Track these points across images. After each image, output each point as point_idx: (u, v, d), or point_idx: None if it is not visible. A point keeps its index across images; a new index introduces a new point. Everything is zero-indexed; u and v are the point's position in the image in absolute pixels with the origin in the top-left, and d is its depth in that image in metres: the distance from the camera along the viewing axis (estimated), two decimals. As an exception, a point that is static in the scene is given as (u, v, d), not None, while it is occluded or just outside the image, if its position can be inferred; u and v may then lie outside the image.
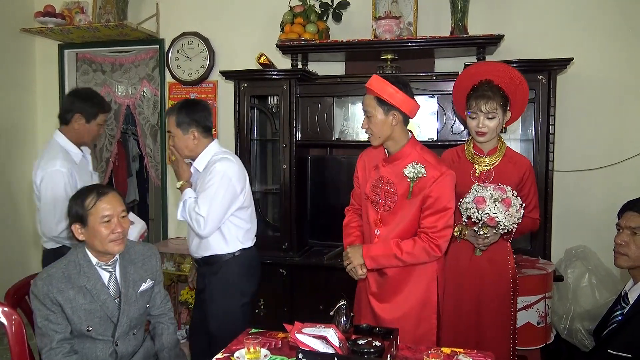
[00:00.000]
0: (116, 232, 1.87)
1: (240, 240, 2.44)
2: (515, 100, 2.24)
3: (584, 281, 3.03)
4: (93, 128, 2.63)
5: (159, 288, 2.11)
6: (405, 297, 2.12)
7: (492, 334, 2.23)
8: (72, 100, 2.61)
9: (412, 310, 2.11)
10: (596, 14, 3.22)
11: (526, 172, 2.24)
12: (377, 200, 2.14)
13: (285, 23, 3.40)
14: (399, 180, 2.08)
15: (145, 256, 2.06)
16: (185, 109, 2.38)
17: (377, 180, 2.16)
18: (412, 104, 2.06)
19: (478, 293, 2.24)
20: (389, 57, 3.22)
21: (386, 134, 2.07)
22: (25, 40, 4.15)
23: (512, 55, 3.10)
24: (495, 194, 2.09)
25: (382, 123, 2.05)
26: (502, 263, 2.24)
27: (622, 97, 3.22)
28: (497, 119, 2.18)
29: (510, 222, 2.07)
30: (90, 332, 1.86)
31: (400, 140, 2.10)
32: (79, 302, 1.85)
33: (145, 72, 4.17)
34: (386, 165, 2.14)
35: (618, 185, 3.21)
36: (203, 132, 2.41)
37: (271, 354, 1.80)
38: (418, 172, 2.03)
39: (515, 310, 2.29)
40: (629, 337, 1.84)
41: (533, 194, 2.27)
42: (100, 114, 2.63)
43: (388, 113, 2.04)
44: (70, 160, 2.56)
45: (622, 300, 2.03)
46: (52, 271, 1.86)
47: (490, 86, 2.20)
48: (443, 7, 3.31)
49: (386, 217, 2.13)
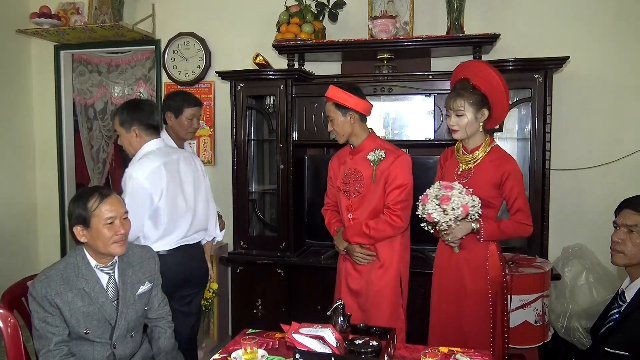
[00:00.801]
0: (119, 234, 1.88)
1: (152, 242, 2.37)
2: (492, 99, 2.22)
3: (581, 279, 3.04)
4: (183, 122, 2.78)
5: (156, 291, 2.11)
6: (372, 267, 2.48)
7: (470, 331, 2.25)
8: (164, 100, 2.89)
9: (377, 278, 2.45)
10: (592, 13, 3.23)
11: (505, 174, 2.19)
12: (347, 189, 2.52)
13: (282, 23, 3.39)
14: (363, 168, 2.47)
15: (144, 259, 2.06)
16: (127, 109, 2.45)
17: (346, 172, 2.54)
18: (364, 104, 2.46)
19: (457, 289, 2.27)
20: (385, 56, 3.23)
21: (348, 131, 2.48)
22: (21, 42, 4.13)
23: (508, 54, 3.10)
24: (439, 192, 2.14)
25: (342, 123, 2.46)
26: (479, 262, 2.24)
27: (618, 96, 3.22)
28: (466, 117, 2.21)
29: (444, 220, 2.12)
30: (88, 334, 1.86)
31: (361, 135, 2.50)
32: (77, 304, 1.84)
33: (141, 72, 4.16)
34: (352, 158, 2.53)
35: (615, 183, 3.21)
36: (146, 130, 2.44)
37: (268, 355, 1.80)
38: (379, 155, 2.43)
39: (502, 311, 2.26)
40: (626, 334, 1.84)
41: (516, 197, 2.20)
42: (186, 108, 2.77)
43: (346, 114, 2.44)
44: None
45: (619, 298, 2.03)
46: (51, 273, 1.86)
47: (463, 84, 2.24)
48: (439, 6, 3.32)
49: (356, 202, 2.49)
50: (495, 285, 2.24)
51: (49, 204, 4.31)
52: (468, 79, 2.25)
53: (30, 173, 4.28)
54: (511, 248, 3.00)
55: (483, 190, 2.20)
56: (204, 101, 3.87)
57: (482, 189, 2.20)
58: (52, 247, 4.32)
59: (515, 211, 2.22)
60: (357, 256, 2.48)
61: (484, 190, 2.20)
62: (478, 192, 2.19)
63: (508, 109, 2.27)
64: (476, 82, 2.22)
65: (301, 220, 3.43)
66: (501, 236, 2.24)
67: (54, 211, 4.29)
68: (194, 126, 2.82)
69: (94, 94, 4.31)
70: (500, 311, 2.26)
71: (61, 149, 4.26)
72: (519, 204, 2.22)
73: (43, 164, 4.31)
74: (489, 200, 2.22)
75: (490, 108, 2.23)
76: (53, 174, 4.28)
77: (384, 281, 2.44)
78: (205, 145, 3.90)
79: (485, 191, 2.20)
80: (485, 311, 2.24)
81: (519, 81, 2.96)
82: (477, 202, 2.14)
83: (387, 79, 3.16)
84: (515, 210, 2.22)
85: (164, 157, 2.42)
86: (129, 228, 1.94)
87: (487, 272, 2.23)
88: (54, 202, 4.29)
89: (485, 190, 2.21)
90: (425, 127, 3.14)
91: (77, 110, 4.39)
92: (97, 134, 4.39)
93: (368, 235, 2.43)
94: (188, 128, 2.79)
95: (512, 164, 2.23)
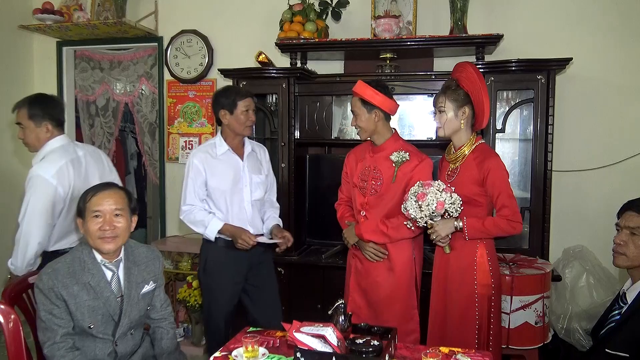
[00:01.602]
0: (103, 229, 1.85)
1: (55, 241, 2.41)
2: (473, 98, 2.23)
3: (582, 281, 3.04)
4: (239, 117, 2.60)
5: (159, 291, 2.11)
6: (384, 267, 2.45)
7: (453, 332, 2.26)
8: (215, 99, 2.66)
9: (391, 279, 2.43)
10: (596, 14, 3.22)
11: (486, 170, 2.18)
12: (364, 186, 2.48)
13: (285, 21, 3.39)
14: (384, 167, 2.43)
15: (149, 259, 2.06)
16: (38, 103, 2.45)
17: (364, 169, 2.50)
18: (390, 104, 2.41)
19: (445, 290, 2.29)
20: (388, 56, 3.22)
21: (371, 128, 2.43)
22: (24, 38, 4.13)
23: (511, 55, 3.10)
24: (418, 189, 2.17)
25: (367, 120, 2.42)
26: (466, 264, 2.23)
27: (621, 97, 3.22)
28: (446, 114, 2.24)
29: (419, 216, 2.14)
30: (92, 329, 1.86)
31: (385, 134, 2.46)
32: (83, 298, 1.84)
33: (143, 69, 4.16)
34: (373, 155, 2.49)
35: (616, 185, 3.21)
36: (56, 125, 2.46)
37: (269, 353, 1.80)
38: (403, 157, 2.39)
39: (488, 316, 2.24)
40: (626, 336, 1.84)
41: (499, 193, 2.17)
42: (239, 101, 2.59)
43: (371, 111, 2.40)
44: (208, 152, 2.62)
45: (620, 300, 2.03)
46: (57, 266, 1.86)
47: (448, 83, 2.30)
48: (442, 6, 3.31)
49: (372, 201, 2.45)
50: (483, 288, 2.22)
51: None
52: (456, 79, 2.29)
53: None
54: (512, 249, 3.00)
55: (467, 188, 2.21)
56: (206, 99, 3.87)
57: (466, 187, 2.21)
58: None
59: (500, 207, 2.19)
60: (368, 252, 2.44)
61: (468, 188, 2.21)
62: (463, 190, 2.19)
63: (489, 109, 2.24)
64: (461, 82, 2.26)
65: (302, 219, 3.43)
66: (487, 233, 2.19)
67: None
68: (250, 119, 2.64)
69: (96, 91, 4.31)
70: (487, 315, 2.23)
71: (63, 146, 4.25)
72: (503, 199, 2.17)
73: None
74: (475, 198, 2.22)
75: (474, 107, 2.24)
76: (54, 170, 4.27)
77: (397, 281, 2.42)
78: (206, 143, 3.90)
79: (469, 189, 2.21)
80: (470, 314, 2.23)
81: (522, 82, 2.96)
82: (456, 199, 2.13)
83: (390, 78, 3.16)
84: (500, 207, 2.19)
85: (71, 154, 2.43)
86: (121, 225, 1.89)
87: (475, 275, 2.22)
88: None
89: (469, 188, 2.21)
90: (427, 127, 3.14)
91: (79, 107, 4.39)
92: (99, 131, 4.39)
93: (385, 234, 2.39)
94: (245, 122, 2.62)
95: (494, 160, 2.21)
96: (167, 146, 4.00)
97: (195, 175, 2.59)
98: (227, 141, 2.65)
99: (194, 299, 3.42)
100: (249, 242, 2.52)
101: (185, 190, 2.61)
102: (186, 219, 2.61)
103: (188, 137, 3.94)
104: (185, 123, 3.94)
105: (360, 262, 2.51)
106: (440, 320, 2.32)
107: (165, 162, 4.02)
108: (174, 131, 3.97)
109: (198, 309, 3.44)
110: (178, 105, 3.95)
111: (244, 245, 2.52)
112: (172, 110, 3.97)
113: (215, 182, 2.59)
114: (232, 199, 2.62)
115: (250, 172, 2.67)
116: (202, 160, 2.59)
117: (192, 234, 3.91)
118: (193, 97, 3.91)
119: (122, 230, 1.90)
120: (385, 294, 2.43)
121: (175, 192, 4.00)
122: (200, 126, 3.91)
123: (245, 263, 2.64)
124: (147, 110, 4.22)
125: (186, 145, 3.94)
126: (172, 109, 3.97)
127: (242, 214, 2.65)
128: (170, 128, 3.98)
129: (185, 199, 2.60)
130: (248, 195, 2.66)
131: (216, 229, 2.56)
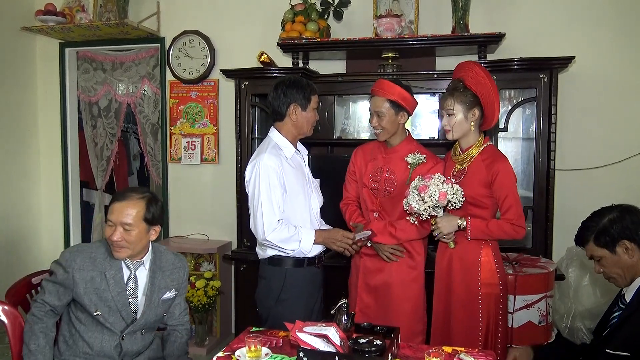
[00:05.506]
0: (111, 239, 1.88)
1: None
2: (483, 100, 2.21)
3: (585, 280, 3.03)
4: (310, 114, 2.34)
5: (180, 299, 2.13)
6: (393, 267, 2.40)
7: (457, 332, 2.25)
8: (284, 91, 2.32)
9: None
10: (598, 13, 3.21)
11: (494, 172, 2.17)
12: (376, 187, 2.41)
13: (286, 21, 3.39)
14: (398, 169, 2.37)
15: (175, 266, 2.08)
16: None
17: (376, 170, 2.43)
18: (415, 105, 2.40)
19: (447, 289, 2.29)
20: (390, 55, 3.22)
21: (394, 130, 2.37)
22: (26, 39, 4.14)
23: (513, 54, 3.10)
24: (420, 182, 2.16)
25: (393, 121, 2.34)
26: (470, 263, 2.23)
27: (624, 96, 3.21)
28: (456, 117, 2.21)
29: (423, 208, 2.13)
30: (98, 316, 1.89)
31: (401, 135, 2.42)
32: (95, 284, 1.88)
33: (146, 70, 4.16)
34: (386, 156, 2.42)
35: (620, 184, 3.20)
36: None
37: (272, 353, 1.80)
38: (419, 159, 2.34)
39: (496, 315, 2.24)
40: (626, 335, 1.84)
41: (505, 196, 2.17)
42: (313, 96, 2.34)
43: (398, 113, 2.34)
44: (280, 156, 2.29)
45: (620, 301, 2.03)
46: (83, 248, 1.95)
47: (454, 84, 2.26)
48: (444, 5, 3.31)
49: (385, 202, 2.40)
50: (490, 288, 2.22)
51: (53, 201, 4.32)
52: (462, 79, 2.25)
53: (35, 170, 4.30)
54: (515, 248, 2.99)
55: (474, 190, 2.20)
56: (208, 99, 3.88)
57: (473, 188, 2.20)
58: (56, 244, 4.32)
59: (505, 210, 2.19)
60: (386, 252, 2.38)
61: (475, 190, 2.20)
62: (469, 191, 2.19)
63: (499, 109, 2.24)
64: (468, 82, 2.23)
65: (305, 218, 3.42)
66: (489, 235, 2.19)
67: (58, 208, 4.31)
68: (317, 117, 2.40)
69: (98, 92, 4.32)
70: (494, 315, 2.23)
71: (65, 147, 4.26)
72: (509, 202, 2.17)
73: (47, 161, 4.32)
74: (481, 200, 2.21)
75: (483, 108, 2.23)
76: (57, 171, 4.29)
77: (410, 281, 2.40)
78: (209, 143, 3.91)
79: (476, 190, 2.20)
80: (474, 314, 2.23)
81: (524, 81, 2.96)
82: (458, 190, 2.13)
83: (392, 78, 3.15)
84: (505, 210, 2.19)
85: None
86: (131, 239, 1.89)
87: (479, 274, 2.22)
88: (58, 199, 4.30)
89: (476, 190, 2.20)
90: (430, 127, 3.13)
91: (81, 108, 4.40)
92: (101, 132, 4.40)
93: (393, 235, 2.36)
94: (313, 121, 2.36)
95: (503, 163, 2.21)
96: (169, 147, 4.00)
97: (273, 186, 2.19)
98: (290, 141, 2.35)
99: (197, 299, 3.42)
100: (348, 242, 2.27)
101: (261, 206, 2.18)
102: (276, 239, 2.19)
103: (190, 137, 3.94)
104: (187, 124, 3.94)
105: (372, 262, 2.46)
106: (443, 319, 2.32)
107: (167, 162, 4.02)
108: (176, 132, 3.98)
109: (201, 309, 3.44)
110: (180, 106, 3.95)
111: (346, 247, 2.27)
112: (174, 111, 3.97)
113: (293, 191, 2.27)
114: (304, 209, 2.33)
115: (312, 176, 2.46)
116: (277, 166, 2.22)
117: (194, 235, 3.93)
118: (195, 97, 3.92)
119: (131, 242, 1.90)
120: (396, 294, 2.39)
121: (178, 193, 4.01)
122: (202, 127, 3.91)
123: (318, 282, 2.36)
124: (150, 111, 4.23)
125: (189, 146, 3.94)
126: (174, 109, 3.97)
127: (314, 224, 2.36)
128: (173, 129, 3.99)
129: (269, 215, 2.18)
130: (315, 204, 2.41)
131: (312, 240, 2.23)
